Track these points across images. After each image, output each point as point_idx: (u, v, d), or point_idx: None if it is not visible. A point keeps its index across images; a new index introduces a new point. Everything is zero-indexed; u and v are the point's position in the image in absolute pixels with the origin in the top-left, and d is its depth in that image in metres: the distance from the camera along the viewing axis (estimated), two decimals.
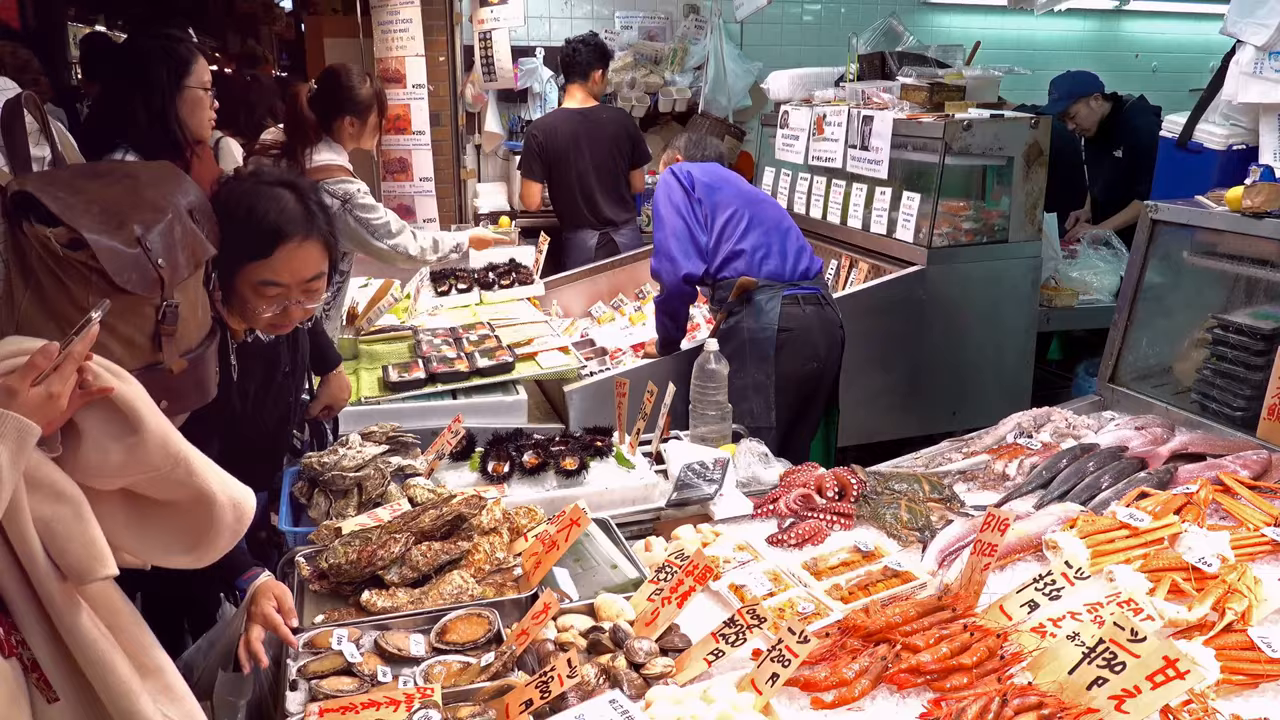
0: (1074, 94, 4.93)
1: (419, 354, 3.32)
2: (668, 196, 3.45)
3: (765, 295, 3.35)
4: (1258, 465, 2.23)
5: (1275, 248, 2.46)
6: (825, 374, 3.46)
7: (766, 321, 3.34)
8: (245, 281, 1.90)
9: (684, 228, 3.38)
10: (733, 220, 3.41)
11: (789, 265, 3.40)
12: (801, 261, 3.43)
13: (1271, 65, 2.77)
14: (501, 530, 1.99)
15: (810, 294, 3.40)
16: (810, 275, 3.44)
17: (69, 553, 1.21)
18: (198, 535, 1.34)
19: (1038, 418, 2.64)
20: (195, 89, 2.76)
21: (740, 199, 3.46)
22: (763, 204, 3.52)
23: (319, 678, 1.58)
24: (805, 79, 4.86)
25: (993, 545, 1.76)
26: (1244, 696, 1.54)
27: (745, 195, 3.49)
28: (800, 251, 3.45)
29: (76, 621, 1.23)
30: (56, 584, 1.21)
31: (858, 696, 1.53)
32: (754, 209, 3.44)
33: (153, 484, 1.29)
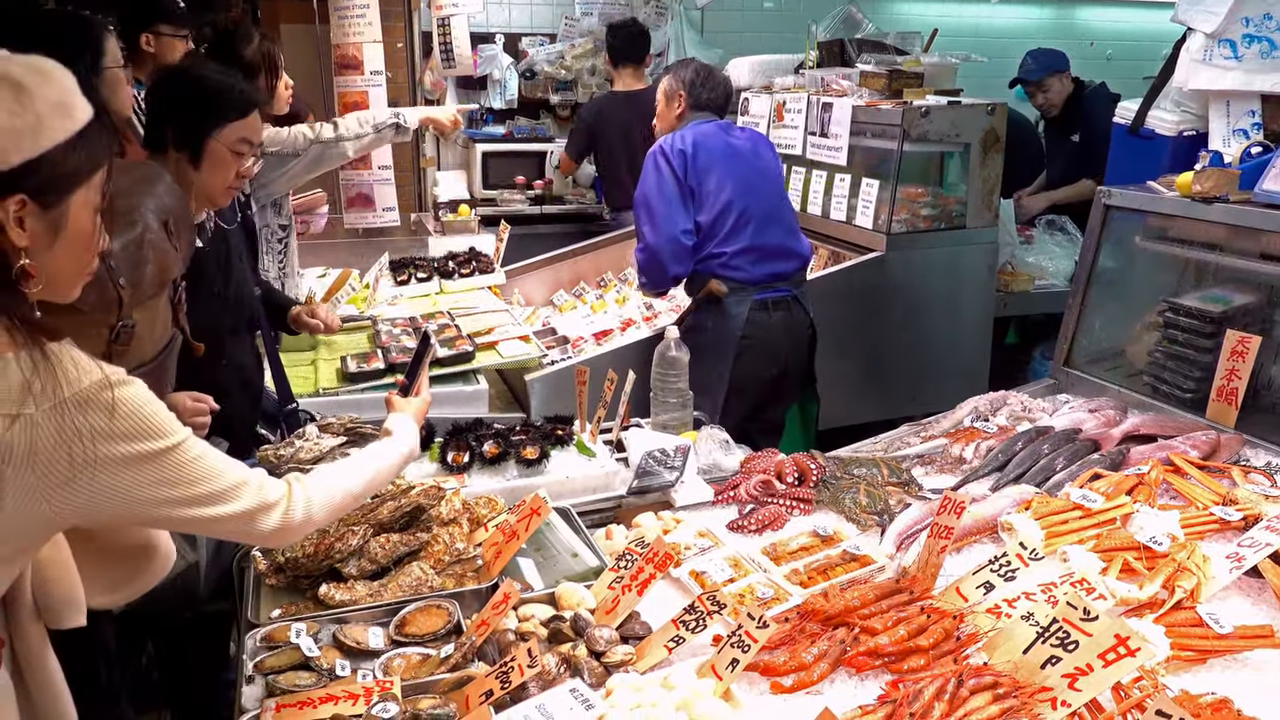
0: (1051, 66, 4.97)
1: (378, 344, 3.29)
2: (659, 187, 3.27)
3: (734, 299, 3.29)
4: (1206, 445, 2.27)
5: (1224, 232, 2.51)
6: (789, 375, 3.44)
7: (731, 326, 3.29)
8: (225, 143, 2.21)
9: (676, 229, 3.25)
10: (722, 217, 3.27)
11: (767, 269, 3.31)
12: (781, 262, 3.33)
13: (1220, 53, 2.81)
14: (461, 521, 1.98)
15: (781, 297, 3.34)
16: (788, 275, 3.36)
17: (53, 595, 1.22)
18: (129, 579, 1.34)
19: (994, 401, 2.67)
20: (113, 68, 2.69)
21: (735, 185, 3.27)
22: (756, 192, 3.32)
23: (276, 673, 1.56)
24: (765, 66, 4.87)
25: (949, 528, 1.77)
26: (1193, 672, 1.58)
27: (740, 180, 3.28)
28: (783, 249, 3.34)
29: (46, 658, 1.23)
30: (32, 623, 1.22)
31: (816, 680, 1.54)
32: (747, 200, 3.28)
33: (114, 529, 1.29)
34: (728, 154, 3.31)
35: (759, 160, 3.39)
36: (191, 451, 1.24)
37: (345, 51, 5.38)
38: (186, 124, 2.21)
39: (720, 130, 3.38)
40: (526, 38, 6.18)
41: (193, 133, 2.20)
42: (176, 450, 1.22)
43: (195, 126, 2.21)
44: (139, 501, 1.19)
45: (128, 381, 1.18)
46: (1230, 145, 2.75)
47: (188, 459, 1.23)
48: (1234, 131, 2.81)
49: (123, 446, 1.16)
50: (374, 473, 1.60)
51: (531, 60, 6.10)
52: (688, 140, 3.28)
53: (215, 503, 1.27)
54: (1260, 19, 2.74)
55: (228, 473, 1.29)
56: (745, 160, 3.34)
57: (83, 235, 1.17)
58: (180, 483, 1.23)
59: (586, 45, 6.13)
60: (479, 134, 6.04)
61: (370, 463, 1.61)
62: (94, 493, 1.15)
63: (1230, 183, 2.47)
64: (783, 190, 3.48)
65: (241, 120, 2.24)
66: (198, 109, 2.21)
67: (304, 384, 3.02)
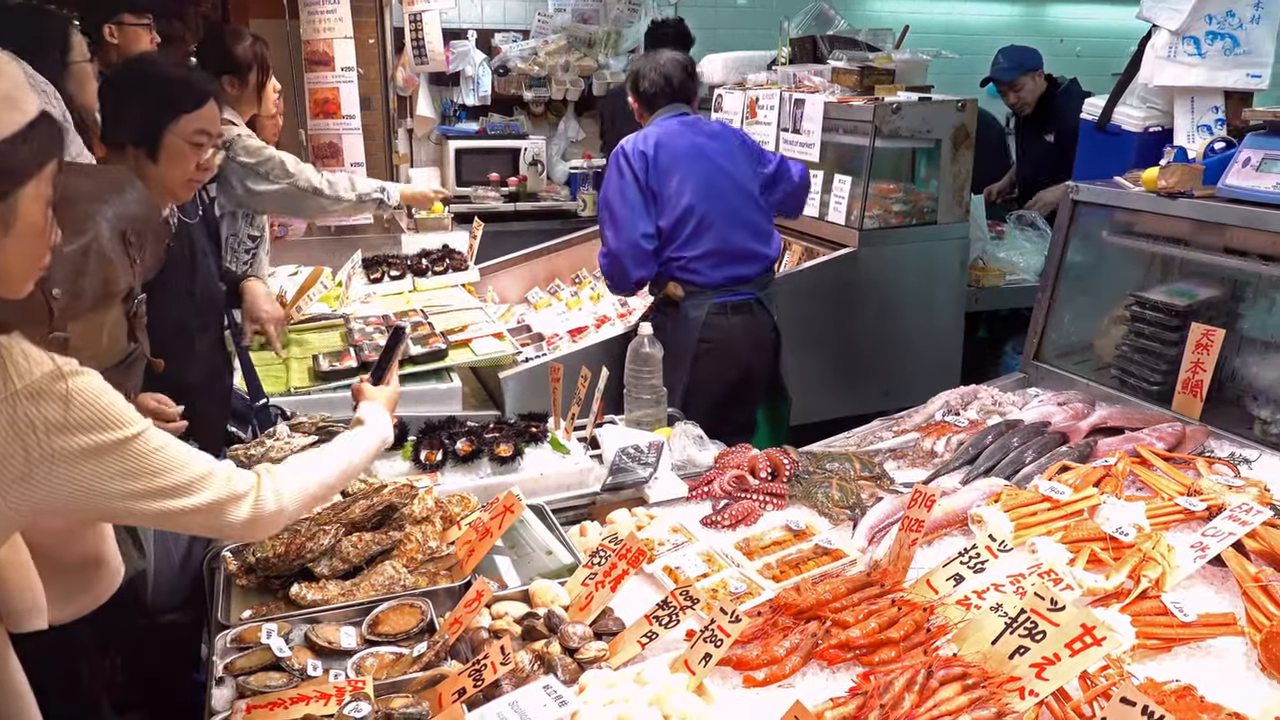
0: (1023, 65, 5.00)
1: (351, 342, 3.27)
2: (620, 191, 3.24)
3: (692, 303, 3.28)
4: (1172, 437, 2.30)
5: (1189, 227, 2.54)
6: (753, 377, 3.41)
7: (689, 330, 3.28)
8: (183, 135, 2.18)
9: (637, 234, 3.23)
10: (682, 222, 3.23)
11: (728, 272, 3.27)
12: (743, 265, 3.28)
13: (1184, 49, 2.85)
14: (434, 519, 1.97)
15: (742, 300, 3.29)
16: (750, 278, 3.31)
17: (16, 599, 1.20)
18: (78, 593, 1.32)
19: (965, 395, 2.70)
20: (80, 63, 2.66)
21: (696, 187, 3.22)
22: (719, 193, 3.26)
23: (246, 674, 1.55)
24: (738, 62, 4.88)
25: (920, 521, 1.79)
26: (1158, 660, 1.60)
27: (702, 181, 3.23)
28: (746, 252, 3.28)
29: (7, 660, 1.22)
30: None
31: (789, 673, 1.55)
32: (708, 203, 3.23)
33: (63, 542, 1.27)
34: (691, 154, 3.27)
35: (727, 158, 3.32)
36: (153, 442, 1.22)
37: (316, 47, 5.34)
38: (142, 118, 2.18)
39: (686, 128, 3.33)
40: (499, 34, 6.16)
41: (149, 127, 2.16)
42: (137, 440, 1.19)
43: (151, 120, 2.17)
44: (101, 495, 1.17)
45: (82, 372, 1.15)
46: (1195, 141, 2.79)
47: (149, 449, 1.21)
48: (1198, 127, 2.84)
49: (80, 438, 1.13)
50: (347, 462, 1.59)
51: (505, 56, 6.08)
52: (650, 141, 3.26)
53: (181, 495, 1.24)
54: (1223, 16, 2.78)
55: (193, 464, 1.27)
56: (709, 159, 3.29)
57: (33, 229, 1.14)
58: (142, 474, 1.20)
59: (560, 41, 6.11)
60: (452, 130, 6.01)
61: (343, 452, 1.59)
62: (52, 487, 1.12)
63: (1194, 178, 2.50)
64: (753, 189, 3.35)
65: (198, 111, 2.19)
66: (152, 102, 2.18)
67: (276, 383, 2.99)
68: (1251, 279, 2.42)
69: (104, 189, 1.50)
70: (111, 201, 1.48)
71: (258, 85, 3.38)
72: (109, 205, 1.47)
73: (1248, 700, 1.46)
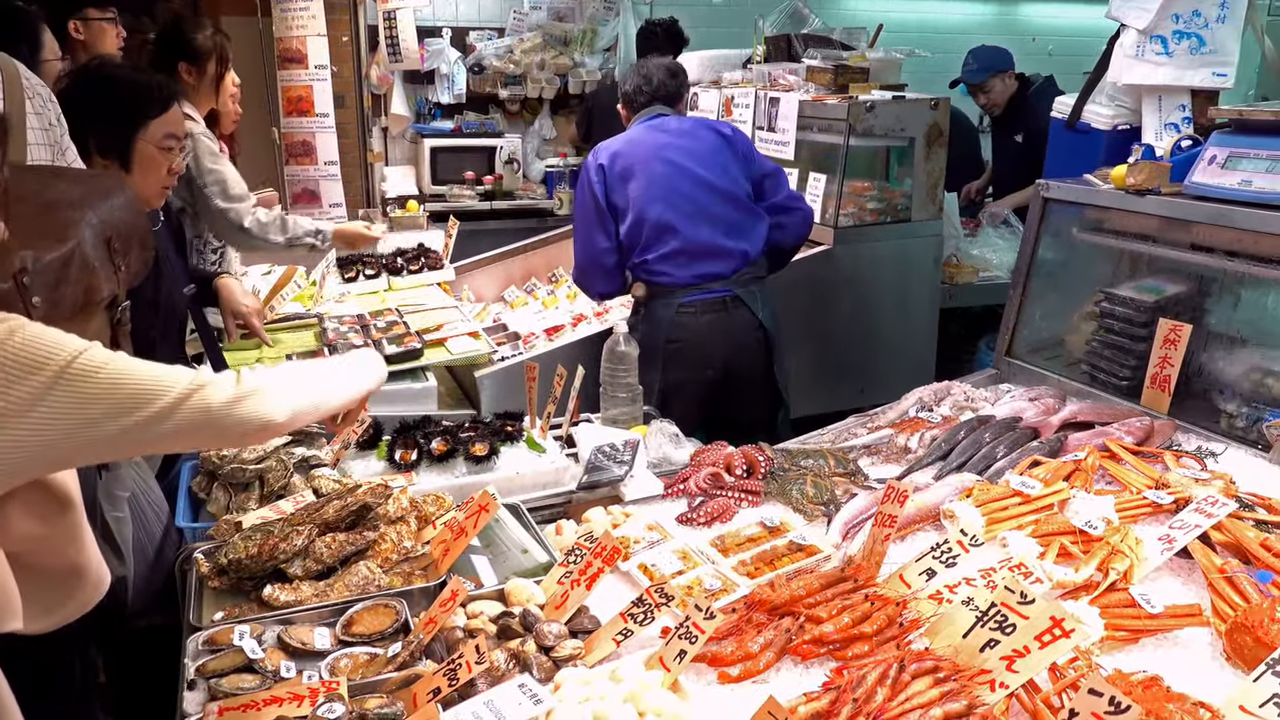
0: (992, 67, 5.04)
1: (325, 342, 3.25)
2: (583, 205, 3.29)
3: (661, 303, 3.27)
4: (1141, 431, 2.33)
5: (1156, 223, 2.57)
6: (737, 377, 3.30)
7: (658, 330, 3.27)
8: (153, 141, 2.19)
9: (596, 249, 3.29)
10: (637, 228, 3.23)
11: (696, 270, 3.23)
12: (713, 262, 3.22)
13: (1152, 49, 2.89)
14: (409, 519, 1.97)
15: (714, 298, 3.24)
16: (724, 275, 3.23)
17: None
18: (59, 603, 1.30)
19: (938, 392, 2.72)
20: (52, 61, 2.62)
21: (653, 190, 3.20)
22: (679, 193, 3.21)
23: (218, 676, 1.54)
24: (714, 61, 4.89)
25: (893, 517, 1.81)
26: (1126, 651, 1.62)
27: (661, 182, 3.21)
28: (714, 248, 3.22)
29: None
30: None
31: (763, 669, 1.56)
32: (666, 204, 3.19)
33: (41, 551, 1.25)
34: (650, 156, 3.24)
35: (694, 156, 3.25)
36: (96, 359, 1.15)
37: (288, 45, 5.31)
38: (110, 129, 2.15)
39: (651, 129, 3.31)
40: (474, 32, 6.14)
41: (118, 137, 2.14)
42: (75, 365, 1.13)
43: (120, 130, 2.14)
44: (64, 435, 1.12)
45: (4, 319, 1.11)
46: (1162, 139, 2.82)
47: (93, 367, 1.14)
48: (1166, 125, 2.88)
49: (18, 388, 1.08)
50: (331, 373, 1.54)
51: (480, 55, 6.06)
52: (608, 152, 3.28)
53: (145, 403, 1.17)
54: (1189, 15, 2.82)
55: (148, 368, 1.20)
56: (669, 159, 3.24)
57: None
58: (98, 396, 1.14)
59: (535, 39, 6.10)
60: (427, 129, 5.99)
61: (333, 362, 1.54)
62: (13, 446, 1.08)
63: (1162, 175, 2.54)
64: (728, 185, 3.26)
65: (164, 115, 2.19)
66: (119, 112, 2.15)
67: None
68: (1217, 275, 2.45)
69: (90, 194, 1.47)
70: (97, 208, 1.45)
71: (216, 77, 3.31)
72: (94, 211, 1.44)
73: (1213, 689, 1.48)
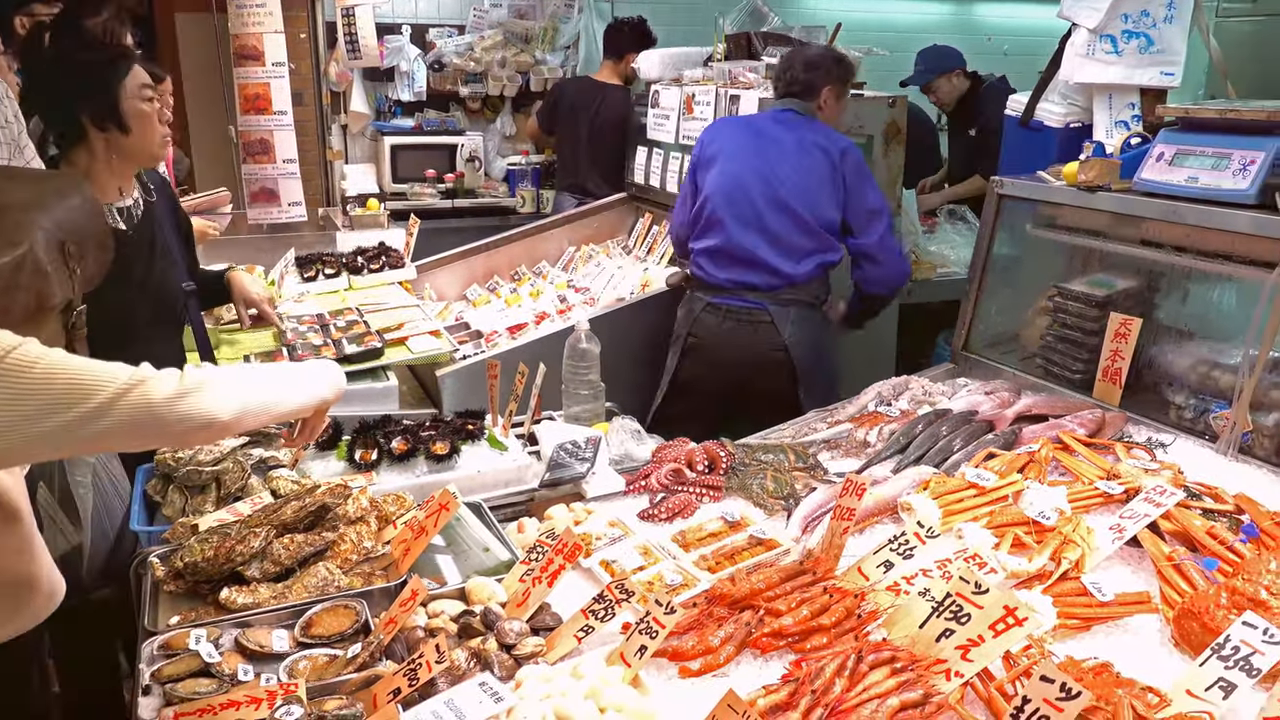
0: (937, 68, 5.13)
1: (284, 342, 3.21)
2: (685, 175, 3.49)
3: (695, 295, 3.35)
4: (1093, 424, 2.38)
5: (1107, 219, 2.62)
6: (748, 393, 3.25)
7: (682, 320, 3.35)
8: (134, 96, 2.26)
9: (677, 221, 3.50)
10: (699, 213, 3.31)
11: (731, 274, 3.23)
12: (749, 272, 3.20)
13: (1102, 48, 2.94)
14: (369, 519, 1.96)
15: (742, 308, 3.22)
16: (758, 288, 3.21)
17: None
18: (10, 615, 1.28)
19: (896, 386, 2.75)
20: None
21: (721, 183, 3.23)
22: (741, 194, 3.20)
23: (174, 681, 1.52)
24: (674, 58, 4.90)
25: (851, 510, 1.83)
26: (1078, 639, 1.66)
27: (730, 178, 3.22)
28: (753, 259, 3.19)
29: None
30: None
31: (723, 663, 1.57)
32: (725, 200, 3.21)
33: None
34: (735, 150, 3.25)
35: (778, 162, 3.20)
36: (30, 354, 1.14)
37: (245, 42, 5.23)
38: (96, 99, 2.22)
39: (760, 122, 3.32)
40: (434, 29, 6.08)
41: (107, 103, 2.22)
42: (10, 358, 1.11)
43: (104, 96, 2.22)
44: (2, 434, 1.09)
45: None
46: (1113, 136, 2.88)
47: (27, 362, 1.13)
48: (1116, 123, 2.94)
49: None
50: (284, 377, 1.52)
51: (440, 52, 6.02)
52: (714, 129, 3.43)
53: (84, 397, 1.15)
54: (1138, 15, 2.87)
55: (86, 364, 1.18)
56: (750, 158, 3.22)
57: None
58: (34, 391, 1.12)
59: (496, 37, 6.07)
60: (387, 126, 5.94)
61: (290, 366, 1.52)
62: None
63: (1112, 172, 2.59)
64: (796, 204, 3.17)
65: (131, 69, 2.26)
66: (94, 80, 2.22)
67: None
68: (1166, 269, 2.51)
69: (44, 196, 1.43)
70: (51, 210, 1.41)
71: None
72: (47, 214, 1.40)
73: (1161, 674, 1.52)
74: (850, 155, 3.24)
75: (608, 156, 5.20)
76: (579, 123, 5.29)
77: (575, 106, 5.31)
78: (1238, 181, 2.29)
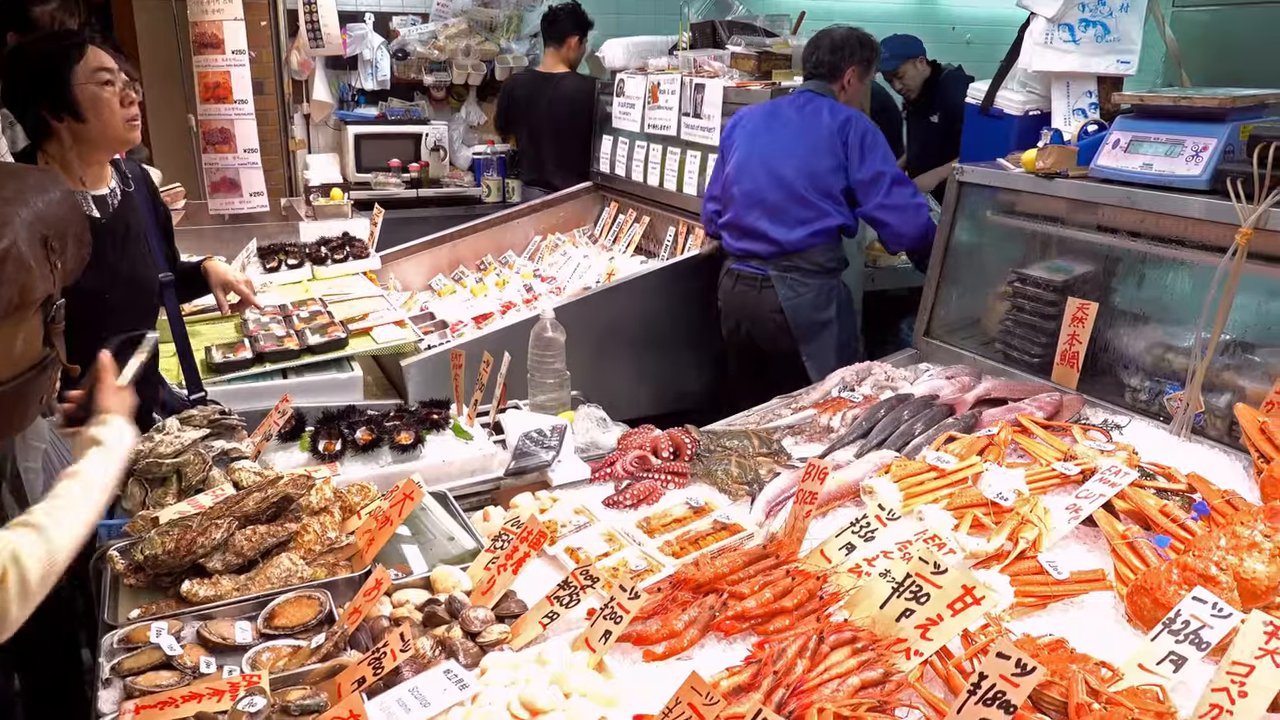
0: (903, 54, 5.18)
1: (246, 333, 3.18)
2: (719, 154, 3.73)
3: (724, 264, 3.72)
4: (1051, 406, 2.42)
5: (1065, 206, 2.66)
6: (760, 351, 3.63)
7: (717, 288, 3.75)
8: (89, 81, 2.22)
9: (708, 195, 3.78)
10: (725, 190, 3.61)
11: (743, 245, 3.56)
12: (754, 242, 3.52)
13: (1060, 36, 2.97)
14: (333, 509, 1.95)
15: (750, 274, 3.56)
16: (762, 255, 3.51)
17: None
18: None
19: (860, 372, 2.78)
20: None
21: (739, 163, 3.53)
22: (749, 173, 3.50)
23: (135, 674, 1.51)
24: (640, 47, 4.89)
25: (813, 494, 1.84)
26: (1035, 616, 1.69)
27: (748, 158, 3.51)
28: (756, 231, 3.49)
29: None
30: None
31: (687, 646, 1.58)
32: (738, 179, 3.52)
33: None
34: (757, 131, 3.53)
35: (785, 143, 3.45)
36: None
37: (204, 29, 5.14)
38: (49, 90, 2.20)
39: (778, 107, 3.56)
40: (397, 17, 6.02)
41: (59, 92, 2.19)
42: None
43: (56, 86, 2.19)
44: None
45: None
46: (1070, 124, 2.92)
47: None
48: (1073, 110, 2.97)
49: None
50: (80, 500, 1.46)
51: (403, 40, 5.95)
52: (745, 112, 3.65)
53: None
54: (1095, 4, 2.91)
55: None
56: (761, 139, 3.51)
57: None
58: None
59: (460, 25, 6.01)
60: (350, 115, 5.87)
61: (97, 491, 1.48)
62: None
63: (1069, 159, 2.62)
64: (792, 176, 3.42)
65: (85, 56, 2.22)
66: (45, 70, 2.19)
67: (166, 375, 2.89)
68: (1122, 254, 2.55)
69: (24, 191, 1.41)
70: (31, 204, 1.39)
71: None
72: (28, 208, 1.38)
73: (1115, 649, 1.56)
74: (853, 124, 3.42)
75: (567, 146, 5.21)
76: (534, 118, 5.28)
77: (528, 103, 5.30)
78: (1191, 168, 2.33)
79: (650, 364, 3.95)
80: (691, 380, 4.04)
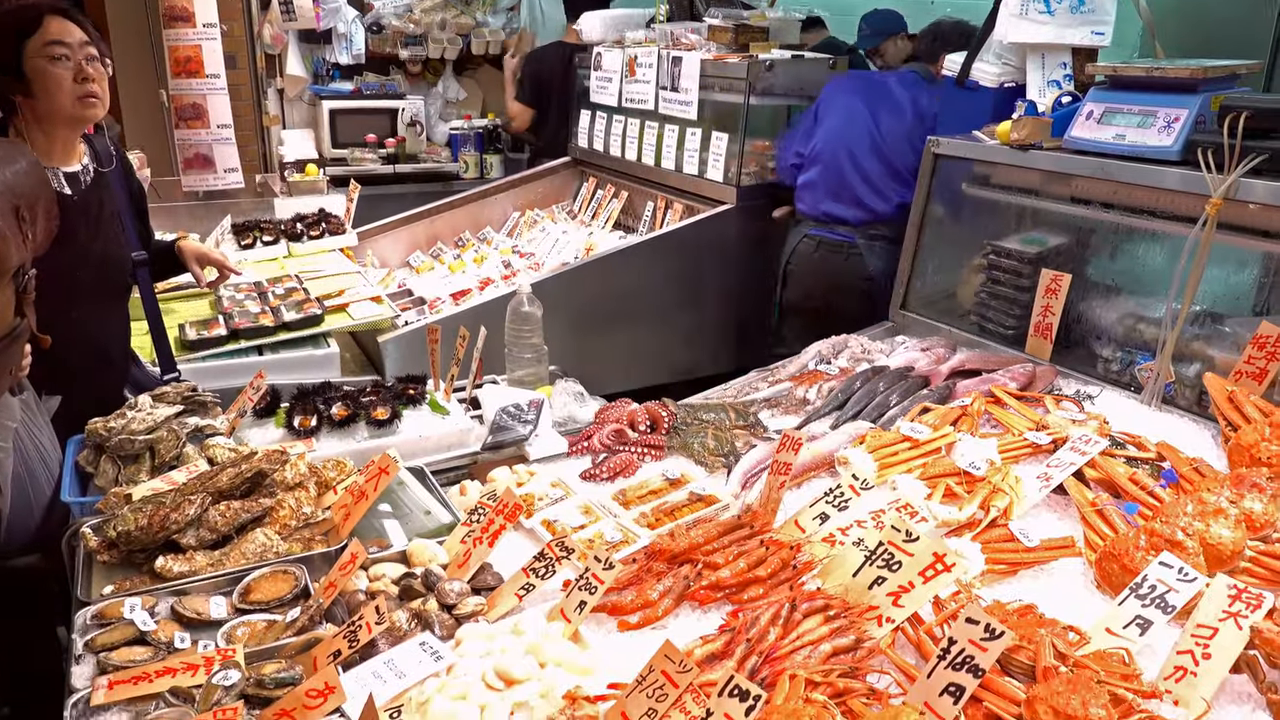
0: (885, 31, 5.14)
1: (220, 310, 3.16)
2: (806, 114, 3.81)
3: (795, 228, 3.82)
4: (1024, 377, 2.44)
5: (1039, 177, 2.67)
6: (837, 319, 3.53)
7: (785, 250, 3.82)
8: (37, 56, 2.17)
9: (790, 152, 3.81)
10: (810, 151, 3.71)
11: (826, 208, 3.68)
12: (841, 206, 3.65)
13: (1035, 8, 2.97)
14: (308, 484, 1.94)
15: (834, 241, 3.68)
16: (849, 221, 3.64)
17: None
18: None
19: (836, 345, 2.79)
20: None
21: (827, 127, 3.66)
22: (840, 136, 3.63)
23: (108, 650, 1.50)
24: (616, 20, 4.86)
25: (788, 464, 1.86)
26: (1005, 583, 1.71)
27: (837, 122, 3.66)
28: (847, 193, 3.62)
29: None
30: None
31: (661, 615, 1.60)
32: (826, 140, 3.65)
33: None
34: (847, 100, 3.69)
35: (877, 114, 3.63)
36: None
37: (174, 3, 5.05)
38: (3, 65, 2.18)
39: (881, 79, 3.76)
40: None
41: (10, 66, 2.18)
42: None
43: (10, 60, 2.17)
44: None
45: None
46: (1045, 95, 2.92)
47: None
48: (1048, 82, 2.97)
49: None
50: None
51: (378, 14, 5.89)
52: (845, 77, 3.85)
53: None
54: None
55: None
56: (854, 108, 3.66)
57: None
58: None
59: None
60: (325, 90, 5.81)
61: None
62: None
63: (1043, 130, 2.63)
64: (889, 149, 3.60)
65: (40, 29, 2.19)
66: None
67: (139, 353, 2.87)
68: (1095, 226, 2.56)
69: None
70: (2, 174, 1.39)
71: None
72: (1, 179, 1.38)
73: (1084, 614, 1.58)
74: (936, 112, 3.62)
75: None
76: (560, 88, 5.22)
77: (556, 73, 5.22)
78: (1163, 138, 2.34)
79: (628, 339, 3.95)
80: (670, 354, 4.04)
